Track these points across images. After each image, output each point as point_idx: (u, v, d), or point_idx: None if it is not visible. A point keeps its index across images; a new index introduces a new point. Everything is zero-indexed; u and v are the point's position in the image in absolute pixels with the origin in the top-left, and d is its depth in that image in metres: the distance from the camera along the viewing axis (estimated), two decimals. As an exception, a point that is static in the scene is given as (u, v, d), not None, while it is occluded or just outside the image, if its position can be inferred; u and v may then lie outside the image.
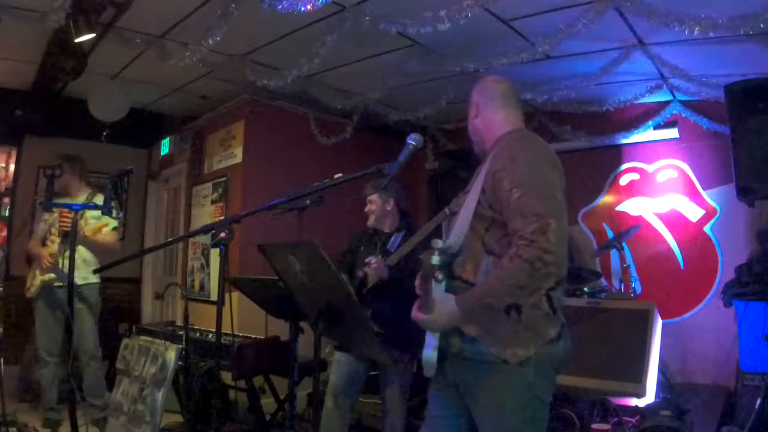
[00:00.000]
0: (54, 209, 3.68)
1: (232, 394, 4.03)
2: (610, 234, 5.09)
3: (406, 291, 1.95)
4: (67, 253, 3.71)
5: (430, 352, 1.62)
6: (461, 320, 1.59)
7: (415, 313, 1.63)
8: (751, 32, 2.99)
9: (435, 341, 1.63)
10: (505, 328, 1.59)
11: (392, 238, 3.01)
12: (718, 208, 4.70)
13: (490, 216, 1.66)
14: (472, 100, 1.93)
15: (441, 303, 1.59)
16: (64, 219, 3.55)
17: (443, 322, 1.60)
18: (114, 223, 3.88)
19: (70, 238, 2.90)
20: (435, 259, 1.58)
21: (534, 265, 1.46)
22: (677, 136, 4.86)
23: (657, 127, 4.85)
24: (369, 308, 2.79)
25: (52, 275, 3.71)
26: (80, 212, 3.51)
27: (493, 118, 1.88)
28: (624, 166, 5.23)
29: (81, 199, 3.84)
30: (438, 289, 1.61)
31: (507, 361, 1.58)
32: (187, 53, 3.66)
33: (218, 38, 3.39)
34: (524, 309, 1.58)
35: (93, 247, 3.87)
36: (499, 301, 1.55)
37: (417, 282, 1.74)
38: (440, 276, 1.60)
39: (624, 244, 4.55)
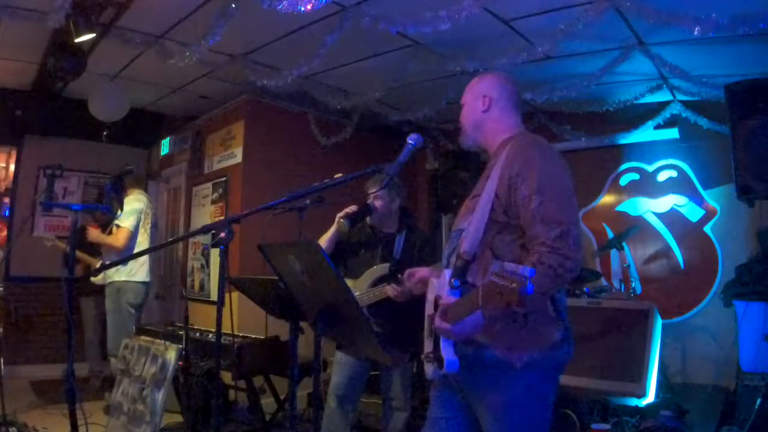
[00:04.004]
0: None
1: (232, 394, 4.03)
2: (610, 234, 5.08)
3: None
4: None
5: (454, 359, 1.56)
6: (485, 329, 1.54)
7: (439, 323, 1.55)
8: (751, 32, 2.99)
9: (452, 346, 1.58)
10: (511, 333, 1.57)
11: (396, 242, 2.96)
12: (718, 208, 4.70)
13: (503, 221, 1.64)
14: (480, 91, 1.85)
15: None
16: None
17: (468, 332, 1.53)
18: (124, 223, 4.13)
19: (70, 238, 2.90)
20: None
21: (557, 272, 1.47)
22: (677, 136, 4.87)
23: (657, 127, 4.85)
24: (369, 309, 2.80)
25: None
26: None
27: (503, 117, 1.83)
28: (624, 166, 5.23)
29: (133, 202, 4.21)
30: (455, 297, 1.56)
31: (512, 365, 1.57)
32: (187, 53, 3.66)
33: (218, 38, 3.39)
34: (529, 313, 1.58)
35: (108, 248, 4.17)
36: (524, 308, 1.53)
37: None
38: (456, 283, 1.57)
39: (624, 244, 4.55)
